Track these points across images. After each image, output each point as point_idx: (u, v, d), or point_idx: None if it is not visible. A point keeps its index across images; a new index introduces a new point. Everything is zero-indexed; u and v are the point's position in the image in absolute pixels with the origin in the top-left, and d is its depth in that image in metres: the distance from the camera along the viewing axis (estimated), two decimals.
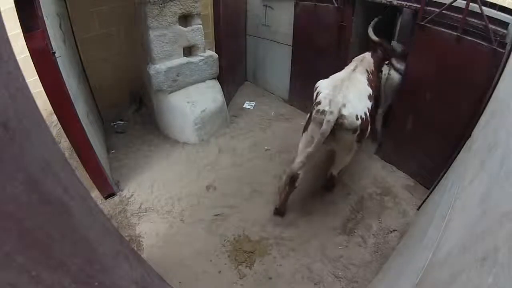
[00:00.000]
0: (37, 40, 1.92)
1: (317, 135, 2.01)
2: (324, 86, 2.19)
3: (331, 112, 1.97)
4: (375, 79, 2.70)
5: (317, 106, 2.10)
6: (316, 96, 2.18)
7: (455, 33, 2.48)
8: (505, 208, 0.89)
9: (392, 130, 3.35)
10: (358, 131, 2.09)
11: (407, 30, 4.36)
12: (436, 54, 2.68)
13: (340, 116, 1.99)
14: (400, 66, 2.98)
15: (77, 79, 3.06)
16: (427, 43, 2.73)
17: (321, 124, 2.00)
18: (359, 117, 2.04)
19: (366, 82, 2.33)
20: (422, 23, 2.69)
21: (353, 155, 2.41)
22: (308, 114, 2.29)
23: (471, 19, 2.38)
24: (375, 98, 2.48)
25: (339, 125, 2.01)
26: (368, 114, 2.16)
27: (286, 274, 2.31)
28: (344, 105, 2.01)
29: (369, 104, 2.21)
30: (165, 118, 3.83)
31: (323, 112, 2.03)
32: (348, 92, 2.09)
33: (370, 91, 2.29)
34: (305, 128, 2.33)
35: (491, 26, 2.25)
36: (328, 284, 2.24)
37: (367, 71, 2.49)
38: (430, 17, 2.62)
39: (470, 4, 2.32)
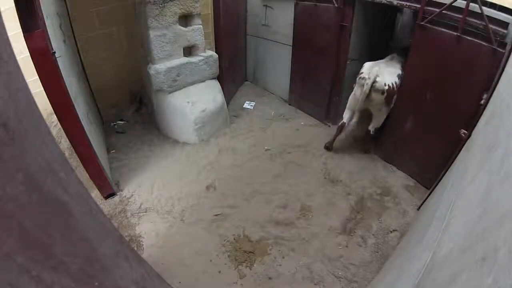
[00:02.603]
0: (37, 40, 1.92)
1: (360, 94, 3.11)
2: (367, 64, 3.22)
3: (369, 78, 3.03)
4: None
5: (361, 75, 3.14)
6: (361, 70, 3.21)
7: (455, 33, 2.48)
8: (505, 208, 0.89)
9: (393, 130, 3.35)
10: (386, 94, 3.05)
11: (407, 30, 4.37)
12: (436, 54, 2.68)
13: (374, 81, 3.02)
14: (384, 82, 3.26)
15: (77, 79, 3.06)
16: (427, 43, 2.73)
17: (363, 86, 3.07)
18: (386, 84, 3.03)
19: (399, 67, 3.21)
20: (422, 23, 2.69)
21: (384, 116, 3.29)
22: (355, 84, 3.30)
23: (471, 19, 2.38)
24: None
25: (373, 87, 3.03)
26: (394, 86, 3.05)
27: (286, 274, 2.31)
28: (377, 75, 3.03)
29: (397, 80, 3.09)
30: (165, 118, 3.83)
31: (364, 78, 3.06)
32: (382, 69, 3.09)
33: (399, 72, 3.15)
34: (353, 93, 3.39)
35: (491, 26, 2.25)
36: (328, 284, 2.24)
37: (401, 61, 3.34)
38: (430, 17, 2.62)
39: (470, 4, 2.32)
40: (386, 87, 3.02)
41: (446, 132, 2.72)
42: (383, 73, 3.05)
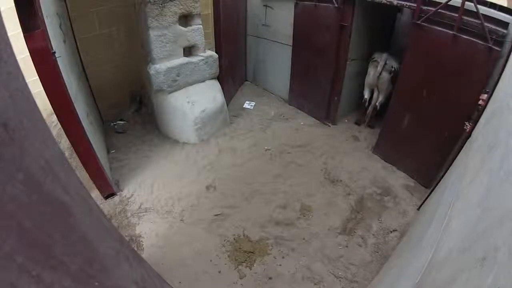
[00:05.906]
0: (37, 40, 1.92)
1: (373, 73, 3.85)
2: (377, 52, 3.91)
3: (381, 60, 3.74)
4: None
5: (374, 59, 3.86)
6: (373, 56, 3.91)
7: (451, 32, 2.48)
8: (505, 208, 0.89)
9: (392, 130, 3.36)
10: (392, 74, 3.73)
11: (406, 29, 4.37)
12: (433, 53, 2.68)
13: (384, 64, 3.72)
14: (391, 65, 3.74)
15: (77, 79, 3.06)
16: (423, 42, 2.73)
17: (376, 67, 3.79)
18: (392, 66, 3.73)
19: (397, 59, 3.79)
20: (418, 22, 2.69)
21: (387, 94, 3.89)
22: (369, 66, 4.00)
23: (468, 18, 2.38)
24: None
25: (382, 68, 3.74)
26: (397, 69, 3.69)
27: (286, 274, 2.31)
28: (386, 60, 3.73)
29: (397, 65, 3.72)
30: (165, 118, 3.83)
31: (377, 61, 3.79)
32: (388, 56, 3.78)
33: (399, 61, 3.68)
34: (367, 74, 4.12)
35: (486, 24, 2.25)
36: (328, 284, 2.24)
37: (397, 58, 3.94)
38: (426, 16, 2.62)
39: (466, 3, 2.32)
40: (393, 69, 3.77)
41: (445, 131, 2.72)
42: (390, 58, 3.82)
